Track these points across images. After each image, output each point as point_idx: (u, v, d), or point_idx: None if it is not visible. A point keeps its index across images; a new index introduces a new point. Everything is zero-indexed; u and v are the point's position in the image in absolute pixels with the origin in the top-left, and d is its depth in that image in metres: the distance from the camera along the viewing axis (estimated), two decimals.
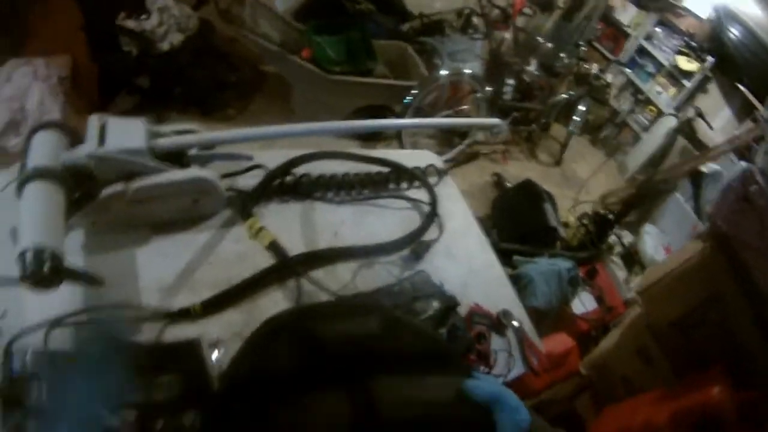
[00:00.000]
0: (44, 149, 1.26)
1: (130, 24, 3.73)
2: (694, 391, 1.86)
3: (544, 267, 3.11)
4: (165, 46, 3.85)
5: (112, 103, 3.80)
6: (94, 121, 1.37)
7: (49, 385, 1.06)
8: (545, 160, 5.13)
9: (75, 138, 1.33)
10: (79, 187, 1.29)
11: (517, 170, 4.73)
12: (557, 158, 5.11)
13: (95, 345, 1.18)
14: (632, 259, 3.99)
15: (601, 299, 3.39)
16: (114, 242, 1.43)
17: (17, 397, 1.05)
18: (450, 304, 1.43)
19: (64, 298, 1.20)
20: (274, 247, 1.48)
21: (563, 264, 3.16)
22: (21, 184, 1.18)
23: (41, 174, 1.19)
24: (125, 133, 1.36)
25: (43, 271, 1.05)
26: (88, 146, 1.30)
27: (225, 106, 4.25)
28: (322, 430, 0.83)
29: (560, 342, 2.76)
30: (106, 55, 3.76)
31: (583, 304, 3.31)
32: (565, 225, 4.01)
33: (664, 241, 3.96)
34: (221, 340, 1.23)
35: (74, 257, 1.27)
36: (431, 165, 1.93)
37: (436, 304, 1.42)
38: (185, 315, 1.30)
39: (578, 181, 4.79)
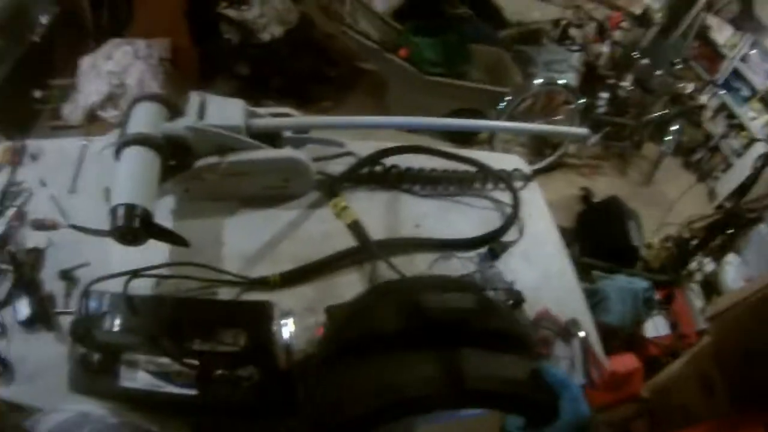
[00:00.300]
0: (145, 118, 1.35)
1: (231, 13, 3.91)
2: (746, 430, 1.81)
3: (621, 285, 3.06)
4: (265, 36, 4.01)
5: (212, 88, 3.93)
6: (195, 97, 1.45)
7: (119, 324, 1.16)
8: (635, 178, 5.01)
9: (175, 111, 1.42)
10: (175, 156, 1.37)
11: (606, 186, 4.65)
12: (647, 178, 4.98)
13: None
14: (711, 288, 3.86)
15: (675, 325, 3.31)
16: (203, 210, 1.53)
17: (87, 332, 1.16)
18: (516, 300, 1.46)
19: (149, 255, 1.28)
20: (355, 226, 1.51)
21: (641, 284, 3.10)
22: (120, 148, 1.27)
23: (140, 140, 1.27)
24: (224, 110, 1.45)
25: (133, 226, 1.12)
26: (188, 119, 1.39)
27: (321, 98, 4.37)
28: (412, 390, 0.89)
29: (626, 362, 2.71)
30: (207, 41, 3.95)
31: (656, 328, 3.25)
32: (648, 246, 3.92)
33: (745, 273, 3.79)
34: (293, 312, 1.27)
35: (164, 220, 1.35)
36: (517, 169, 1.94)
37: (502, 297, 1.45)
38: (263, 284, 1.39)
39: (666, 203, 4.65)
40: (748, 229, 3.86)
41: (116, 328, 1.17)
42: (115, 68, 3.50)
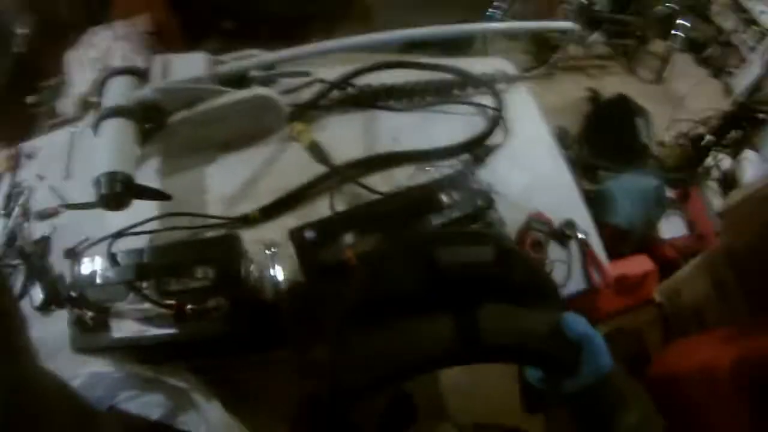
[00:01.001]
0: (116, 91, 1.42)
1: None
2: (765, 336, 1.71)
3: (628, 184, 2.95)
4: None
5: (200, 49, 3.92)
6: (157, 60, 1.50)
7: (104, 281, 1.19)
8: (645, 76, 4.83)
9: (144, 78, 1.47)
10: (150, 119, 1.44)
11: (615, 86, 4.44)
12: (658, 75, 4.80)
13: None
14: (729, 185, 3.74)
15: (692, 225, 3.17)
16: (184, 164, 1.58)
17: (79, 294, 1.20)
18: (485, 201, 1.38)
19: (141, 216, 1.34)
20: (313, 148, 1.52)
21: (650, 182, 2.98)
22: (96, 123, 1.35)
23: (113, 112, 1.35)
24: (186, 65, 1.49)
25: (115, 191, 1.21)
26: (153, 82, 1.44)
27: (310, 37, 4.25)
28: (426, 349, 0.91)
29: (638, 264, 2.62)
30: (184, 5, 3.89)
31: (672, 228, 3.12)
32: (661, 144, 3.81)
33: (764, 168, 3.67)
34: (277, 243, 1.34)
35: (149, 181, 1.40)
36: (501, 71, 1.83)
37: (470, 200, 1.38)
38: (245, 221, 1.43)
39: (679, 100, 4.51)
40: (765, 125, 3.71)
41: (102, 285, 1.20)
42: (97, 54, 3.49)
